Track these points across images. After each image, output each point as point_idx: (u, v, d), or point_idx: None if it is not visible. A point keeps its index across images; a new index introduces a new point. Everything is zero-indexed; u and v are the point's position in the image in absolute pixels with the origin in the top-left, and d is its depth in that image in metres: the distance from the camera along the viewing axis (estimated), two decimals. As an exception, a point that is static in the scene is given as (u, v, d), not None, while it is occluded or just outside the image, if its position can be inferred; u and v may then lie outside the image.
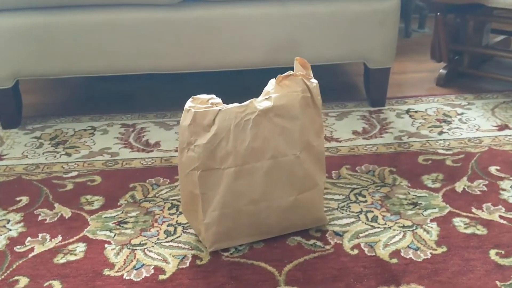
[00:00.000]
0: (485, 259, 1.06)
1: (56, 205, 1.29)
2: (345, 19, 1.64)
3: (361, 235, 1.15)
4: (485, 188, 1.30)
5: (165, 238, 1.16)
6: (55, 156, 1.53)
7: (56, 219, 1.24)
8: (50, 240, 1.17)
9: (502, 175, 1.36)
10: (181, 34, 1.62)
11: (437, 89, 1.94)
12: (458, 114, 1.71)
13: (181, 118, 1.07)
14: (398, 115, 1.72)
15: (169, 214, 1.24)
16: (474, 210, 1.22)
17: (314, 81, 1.11)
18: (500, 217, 1.20)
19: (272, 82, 1.12)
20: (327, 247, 1.11)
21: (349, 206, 1.25)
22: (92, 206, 1.29)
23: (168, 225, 1.20)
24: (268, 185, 1.08)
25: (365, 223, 1.19)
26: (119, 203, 1.29)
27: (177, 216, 1.23)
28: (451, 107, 1.76)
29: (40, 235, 1.19)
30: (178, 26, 1.61)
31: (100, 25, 1.60)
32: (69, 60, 1.63)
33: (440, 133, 1.59)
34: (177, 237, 1.16)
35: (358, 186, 1.33)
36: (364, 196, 1.29)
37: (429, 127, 1.63)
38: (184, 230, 1.18)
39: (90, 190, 1.35)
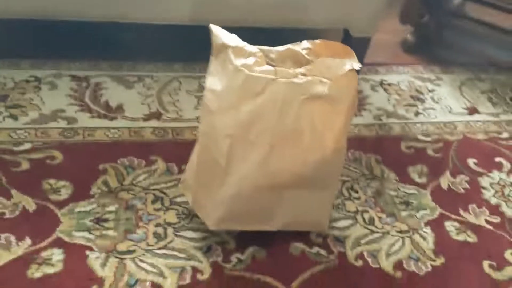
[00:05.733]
0: (480, 273, 1.10)
1: (13, 192, 1.09)
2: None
3: (362, 241, 1.12)
4: (468, 186, 1.32)
5: (156, 243, 1.04)
6: (-3, 119, 1.28)
7: (17, 212, 1.05)
8: (17, 243, 0.99)
9: (480, 169, 1.38)
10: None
11: (404, 56, 1.90)
12: (430, 91, 1.69)
13: (228, 75, 0.95)
14: (372, 87, 1.66)
15: (154, 209, 1.11)
16: (461, 212, 1.24)
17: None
18: (486, 221, 1.23)
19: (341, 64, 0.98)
20: (331, 256, 1.07)
21: (344, 204, 1.20)
22: (59, 195, 1.11)
23: (156, 225, 1.08)
24: (293, 177, 0.98)
25: (364, 227, 1.16)
26: (91, 192, 1.13)
27: (164, 213, 1.10)
28: (421, 81, 1.74)
29: (2, 236, 1.00)
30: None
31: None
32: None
33: (416, 113, 1.57)
34: (169, 243, 1.04)
35: (348, 178, 1.28)
36: (357, 192, 1.24)
37: (404, 105, 1.60)
38: (176, 233, 1.07)
39: (51, 171, 1.16)
